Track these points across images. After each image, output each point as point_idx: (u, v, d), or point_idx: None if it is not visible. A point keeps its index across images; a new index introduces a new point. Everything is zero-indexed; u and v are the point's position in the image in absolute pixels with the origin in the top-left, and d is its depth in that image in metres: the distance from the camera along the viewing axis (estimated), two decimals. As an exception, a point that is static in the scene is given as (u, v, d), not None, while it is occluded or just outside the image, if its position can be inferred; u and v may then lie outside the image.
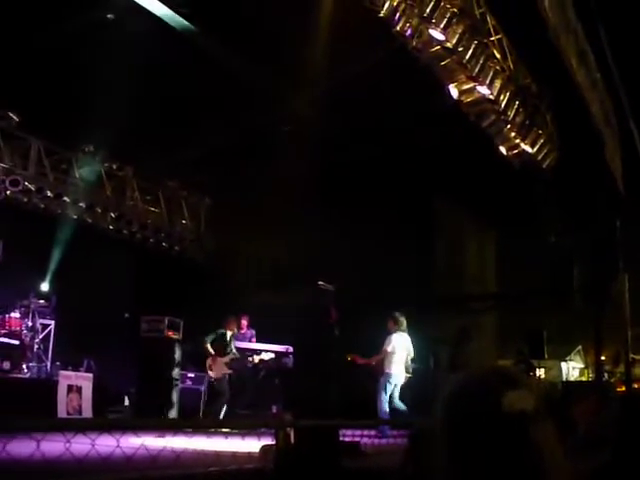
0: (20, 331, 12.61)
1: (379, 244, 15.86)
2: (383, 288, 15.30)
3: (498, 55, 11.47)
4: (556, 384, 18.08)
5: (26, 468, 3.92)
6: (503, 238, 18.74)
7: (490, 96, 11.56)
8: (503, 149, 12.97)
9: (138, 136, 13.52)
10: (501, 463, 1.40)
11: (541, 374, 18.04)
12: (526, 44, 11.63)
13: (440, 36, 10.23)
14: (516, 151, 13.05)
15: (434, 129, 13.44)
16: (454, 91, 11.66)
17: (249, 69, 12.33)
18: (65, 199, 14.46)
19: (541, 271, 16.45)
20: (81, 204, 14.77)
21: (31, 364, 12.75)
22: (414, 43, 10.46)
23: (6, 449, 3.34)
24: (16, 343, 12.41)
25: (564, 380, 21.29)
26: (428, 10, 9.74)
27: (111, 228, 15.80)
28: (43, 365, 13.16)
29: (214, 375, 12.88)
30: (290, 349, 14.20)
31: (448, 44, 10.36)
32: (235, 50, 11.65)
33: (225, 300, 16.02)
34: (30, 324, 13.02)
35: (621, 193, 15.99)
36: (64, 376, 12.02)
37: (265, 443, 6.57)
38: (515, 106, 12.10)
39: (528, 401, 1.44)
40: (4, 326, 12.43)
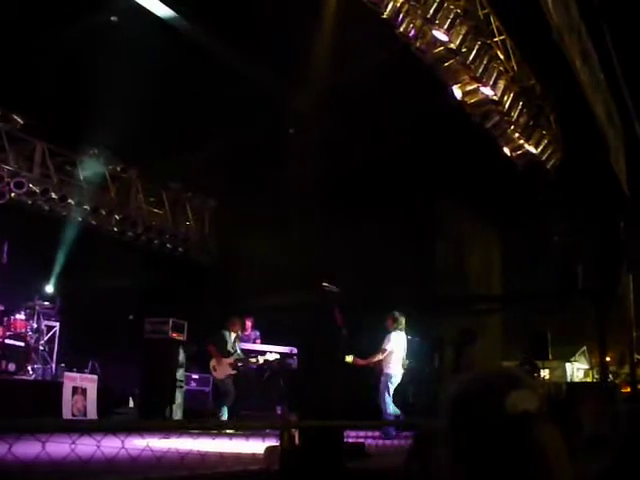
0: (25, 333, 12.65)
1: (382, 245, 15.85)
2: (386, 289, 15.30)
3: (502, 56, 11.46)
4: (561, 385, 18.03)
5: (32, 469, 3.92)
6: (507, 239, 18.72)
7: (494, 97, 11.55)
8: (507, 150, 12.95)
9: (142, 138, 13.54)
10: (505, 463, 1.41)
11: (546, 375, 18.02)
12: (530, 45, 11.61)
13: (443, 37, 10.21)
14: (520, 152, 13.03)
15: (437, 130, 13.44)
16: (458, 92, 11.65)
17: (254, 71, 12.34)
18: (69, 201, 14.50)
19: (545, 272, 16.41)
20: (85, 206, 14.81)
21: (36, 366, 12.78)
22: (417, 44, 10.45)
23: (12, 450, 3.35)
24: (21, 345, 12.44)
25: (569, 381, 21.23)
26: (431, 11, 9.72)
27: (115, 230, 15.83)
28: (48, 367, 13.19)
29: (218, 376, 12.88)
30: (294, 350, 14.19)
31: (452, 45, 10.35)
32: (240, 52, 11.67)
33: (229, 301, 16.04)
34: (35, 326, 13.05)
35: (625, 194, 15.96)
36: (69, 378, 12.04)
37: (270, 444, 6.57)
38: (519, 107, 12.08)
39: (532, 401, 1.44)
40: (9, 328, 12.46)
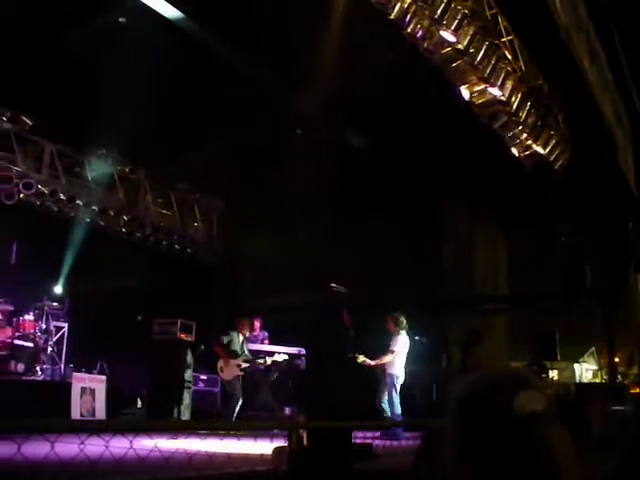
0: (34, 334, 12.68)
1: (389, 245, 15.85)
2: (393, 289, 15.28)
3: (509, 56, 11.44)
4: (569, 386, 17.97)
5: (41, 469, 3.94)
6: (514, 239, 18.67)
7: (502, 97, 11.53)
8: (515, 150, 12.93)
9: (150, 139, 13.57)
10: (512, 464, 1.41)
11: (554, 376, 17.97)
12: (538, 45, 11.59)
13: (451, 38, 10.21)
14: (528, 152, 13.01)
15: (445, 130, 13.43)
16: (465, 92, 11.64)
17: (261, 71, 12.36)
18: (78, 202, 14.54)
19: (552, 272, 16.38)
20: (94, 207, 14.84)
21: (45, 366, 12.80)
22: (425, 45, 10.44)
23: (21, 450, 3.37)
24: (30, 345, 12.47)
25: (577, 382, 21.16)
26: (439, 12, 9.72)
27: (124, 231, 15.87)
28: (57, 367, 13.21)
29: (225, 377, 12.89)
30: (302, 351, 14.19)
31: (459, 46, 10.34)
32: (246, 52, 11.68)
33: (237, 302, 16.05)
34: (44, 327, 13.08)
35: (633, 194, 15.92)
36: (77, 378, 12.06)
37: (278, 445, 6.57)
38: (527, 107, 12.06)
39: (539, 402, 1.44)
40: (18, 329, 12.50)
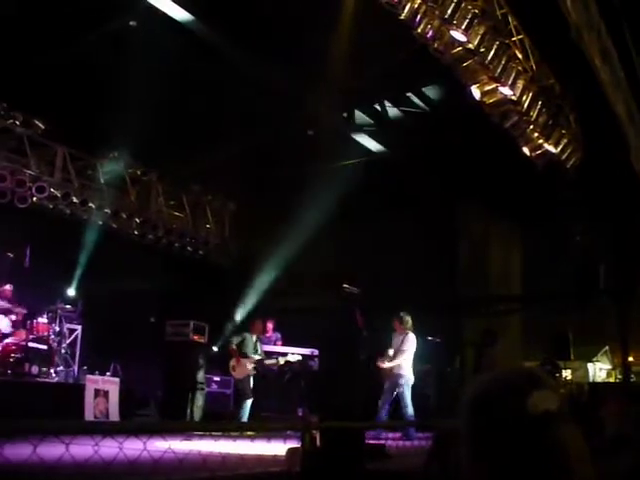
0: (48, 336, 12.74)
1: (403, 246, 15.83)
2: (407, 289, 15.25)
3: (520, 55, 11.40)
4: (583, 385, 17.90)
5: (55, 470, 3.96)
6: (528, 239, 18.61)
7: (513, 97, 11.49)
8: (526, 150, 12.88)
9: (162, 141, 13.62)
10: (526, 464, 1.40)
11: (568, 375, 17.90)
12: (548, 44, 11.54)
13: (462, 37, 10.18)
14: (540, 151, 12.95)
15: (457, 130, 13.41)
16: (476, 92, 11.61)
17: (273, 73, 12.38)
18: (90, 205, 14.59)
19: (566, 272, 16.31)
20: (106, 210, 14.90)
21: (59, 369, 12.87)
22: (435, 45, 10.43)
23: (36, 451, 3.39)
24: (44, 348, 12.52)
25: (591, 381, 21.06)
26: (449, 12, 9.70)
27: (136, 233, 15.91)
28: (70, 369, 13.28)
29: (237, 376, 12.92)
30: (315, 352, 14.20)
31: (470, 45, 10.31)
32: (259, 54, 11.70)
33: (250, 304, 16.09)
34: (57, 329, 13.15)
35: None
36: (91, 380, 12.11)
37: (291, 446, 6.57)
38: (538, 106, 12.01)
39: (553, 401, 1.44)
40: (32, 331, 12.56)
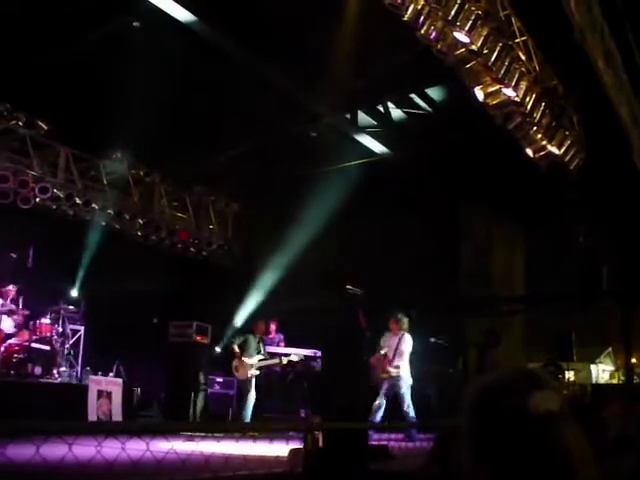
0: (51, 337, 12.76)
1: (406, 246, 15.82)
2: (410, 291, 15.24)
3: (523, 57, 11.39)
4: (586, 386, 17.88)
5: (58, 471, 3.97)
6: (531, 240, 18.58)
7: (516, 98, 11.47)
8: (530, 151, 12.86)
9: (165, 142, 13.62)
10: (528, 464, 1.41)
11: (570, 377, 17.86)
12: (552, 45, 11.53)
13: (465, 39, 10.16)
14: (543, 153, 12.93)
15: (461, 131, 13.41)
16: (480, 94, 11.59)
17: (277, 74, 12.38)
18: (94, 206, 14.60)
19: (569, 273, 16.29)
20: (109, 210, 14.90)
21: (62, 369, 12.89)
22: (439, 46, 10.42)
23: (39, 451, 3.39)
24: (47, 348, 12.55)
25: (594, 383, 21.00)
26: (452, 13, 9.68)
27: (139, 234, 15.91)
28: (73, 370, 13.30)
29: (240, 376, 12.93)
30: (318, 353, 14.19)
31: (473, 47, 10.29)
32: (262, 54, 11.70)
33: (253, 304, 16.10)
34: (60, 330, 13.18)
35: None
36: (94, 381, 12.14)
37: (294, 447, 6.58)
38: (541, 108, 12.00)
39: (554, 401, 1.44)
40: (35, 332, 12.59)
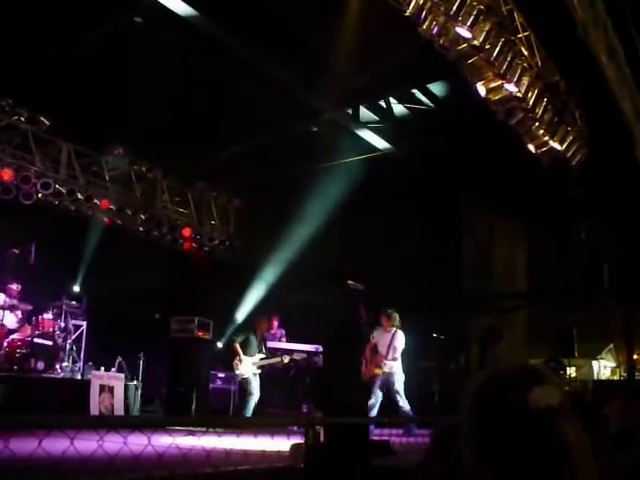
0: (53, 332, 12.78)
1: (408, 242, 15.82)
2: (412, 287, 15.25)
3: (526, 52, 11.37)
4: (587, 383, 17.89)
5: (60, 464, 3.98)
6: (533, 236, 18.57)
7: (518, 94, 11.46)
8: (532, 146, 12.85)
9: (167, 138, 13.63)
10: (528, 459, 1.41)
11: (572, 373, 17.86)
12: (554, 41, 11.51)
13: (467, 34, 10.15)
14: (545, 148, 12.92)
15: (463, 127, 13.39)
16: (482, 89, 11.58)
17: (278, 70, 12.38)
18: (95, 201, 14.60)
19: (571, 269, 16.28)
20: (111, 206, 14.91)
21: (64, 364, 12.90)
22: (441, 41, 10.41)
23: (42, 445, 3.41)
24: (49, 344, 12.58)
25: (595, 379, 21.00)
26: (454, 8, 9.67)
27: (141, 229, 15.93)
28: (76, 365, 13.31)
29: (241, 374, 12.93)
30: (320, 349, 14.19)
31: (475, 42, 10.28)
32: (264, 51, 11.71)
33: (255, 300, 16.11)
34: (63, 325, 13.19)
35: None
36: (96, 376, 12.16)
37: (295, 441, 6.59)
38: (543, 103, 11.98)
39: (554, 396, 1.44)
40: (37, 327, 12.61)
